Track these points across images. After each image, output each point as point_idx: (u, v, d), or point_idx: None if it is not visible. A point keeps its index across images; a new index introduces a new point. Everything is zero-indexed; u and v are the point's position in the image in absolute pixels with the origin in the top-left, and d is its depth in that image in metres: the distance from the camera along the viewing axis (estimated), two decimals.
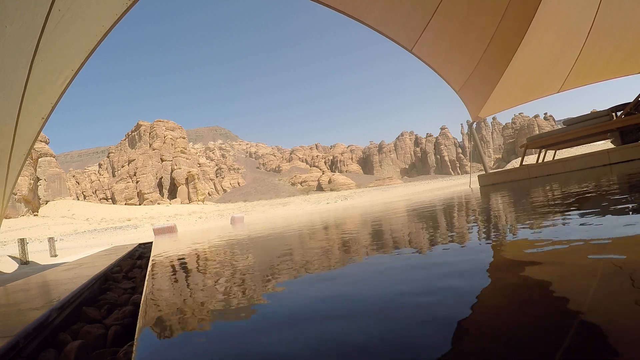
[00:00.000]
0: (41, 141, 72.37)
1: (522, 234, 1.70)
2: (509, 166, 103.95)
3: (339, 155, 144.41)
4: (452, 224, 2.68)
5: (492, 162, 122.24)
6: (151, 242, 7.24)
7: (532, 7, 6.67)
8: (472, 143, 11.60)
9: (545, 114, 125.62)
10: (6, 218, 49.65)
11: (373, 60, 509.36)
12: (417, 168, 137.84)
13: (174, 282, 1.91)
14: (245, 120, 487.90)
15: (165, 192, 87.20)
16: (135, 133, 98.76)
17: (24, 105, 3.73)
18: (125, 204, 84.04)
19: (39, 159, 70.41)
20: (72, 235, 39.55)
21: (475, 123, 10.49)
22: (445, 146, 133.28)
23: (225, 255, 2.91)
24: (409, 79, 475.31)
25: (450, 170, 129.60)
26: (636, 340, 0.57)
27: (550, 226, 1.74)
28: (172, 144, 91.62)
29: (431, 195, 9.95)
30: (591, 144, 9.97)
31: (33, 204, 59.82)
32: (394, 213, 4.79)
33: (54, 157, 75.10)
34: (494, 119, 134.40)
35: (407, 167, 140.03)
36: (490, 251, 1.45)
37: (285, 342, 0.79)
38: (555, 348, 0.56)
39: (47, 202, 69.90)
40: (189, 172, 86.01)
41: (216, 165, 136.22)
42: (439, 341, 0.67)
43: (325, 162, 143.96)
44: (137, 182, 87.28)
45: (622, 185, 3.35)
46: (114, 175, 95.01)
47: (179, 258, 3.10)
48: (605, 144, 10.19)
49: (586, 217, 1.78)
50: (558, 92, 9.47)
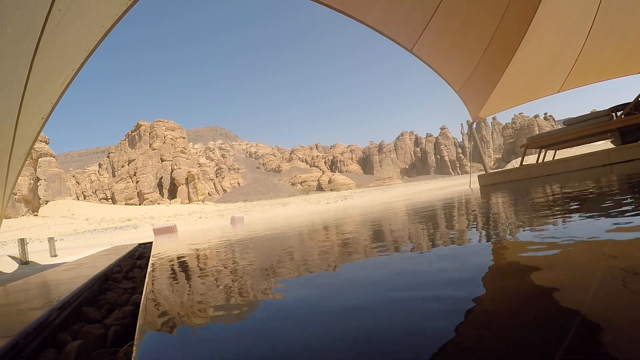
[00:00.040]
0: (41, 141, 72.39)
1: (521, 234, 1.70)
2: (509, 166, 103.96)
3: (339, 155, 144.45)
4: (452, 223, 2.68)
5: (492, 162, 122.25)
6: (151, 242, 7.24)
7: (532, 7, 6.67)
8: (472, 143, 11.60)
9: (545, 114, 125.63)
10: (6, 218, 49.64)
11: (373, 60, 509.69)
12: (417, 168, 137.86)
13: (174, 282, 1.91)
14: (245, 120, 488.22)
15: (165, 192, 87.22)
16: (135, 133, 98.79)
17: (24, 105, 3.73)
18: (125, 204, 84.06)
19: (39, 159, 70.44)
20: (72, 235, 39.56)
21: (475, 123, 10.49)
22: (445, 146, 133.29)
23: (225, 255, 2.91)
24: (409, 79, 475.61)
25: (450, 170, 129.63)
26: (636, 340, 0.57)
27: (550, 226, 1.74)
28: (172, 144, 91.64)
29: (431, 195, 9.95)
30: (591, 144, 9.98)
31: (33, 204, 59.84)
32: (393, 213, 4.79)
33: (54, 157, 75.12)
34: (494, 119, 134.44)
35: (407, 167, 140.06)
36: (490, 251, 1.45)
37: (286, 343, 0.79)
38: (555, 348, 0.56)
39: (47, 202, 69.93)
40: (189, 172, 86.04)
41: (216, 165, 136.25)
42: (439, 340, 0.67)
43: (325, 162, 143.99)
44: (137, 182, 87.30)
45: (622, 185, 3.35)
46: (114, 175, 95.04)
47: (179, 258, 3.10)
48: (605, 144, 10.19)
49: (586, 217, 1.78)
50: (558, 92, 9.47)
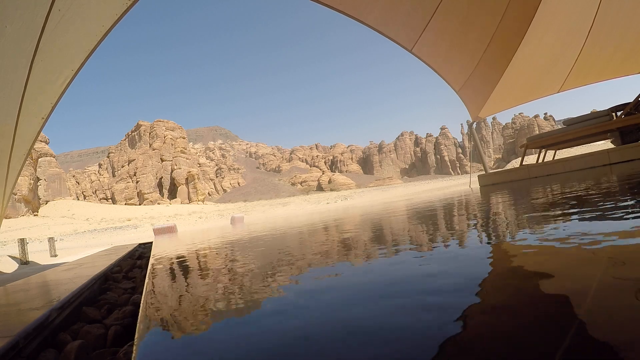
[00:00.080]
0: (41, 141, 72.40)
1: (521, 234, 1.70)
2: (509, 166, 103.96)
3: (339, 155, 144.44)
4: (452, 223, 2.68)
5: (492, 162, 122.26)
6: (151, 242, 7.24)
7: (532, 7, 6.67)
8: (472, 143, 11.60)
9: (545, 114, 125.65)
10: (6, 218, 49.63)
11: (373, 60, 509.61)
12: (417, 168, 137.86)
13: (174, 282, 1.91)
14: (245, 120, 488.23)
15: (165, 192, 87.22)
16: (135, 133, 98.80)
17: (24, 105, 3.73)
18: (125, 204, 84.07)
19: (39, 159, 70.44)
20: (72, 235, 39.57)
21: (475, 123, 10.49)
22: (445, 146, 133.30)
23: (225, 254, 2.91)
24: (409, 79, 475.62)
25: (450, 170, 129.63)
26: (636, 340, 0.57)
27: (550, 227, 1.74)
28: (172, 144, 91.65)
29: (431, 195, 9.95)
30: (591, 144, 9.97)
31: (33, 204, 59.84)
32: (393, 214, 4.79)
33: (54, 157, 75.12)
34: (494, 119, 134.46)
35: (407, 167, 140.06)
36: (490, 251, 1.45)
37: (286, 342, 0.79)
38: (555, 348, 0.56)
39: (47, 202, 69.93)
40: (189, 172, 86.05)
41: (216, 165, 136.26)
42: (439, 340, 0.67)
43: (325, 162, 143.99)
44: (137, 182, 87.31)
45: (622, 185, 3.35)
46: (114, 175, 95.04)
47: (179, 258, 3.10)
48: (605, 144, 10.19)
49: (586, 217, 1.78)
50: (558, 92, 9.47)
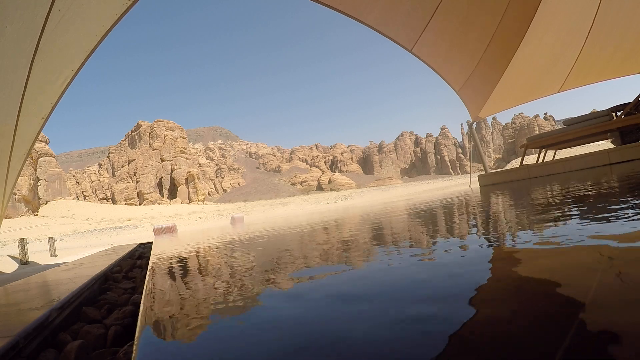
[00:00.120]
0: (41, 141, 72.42)
1: (521, 234, 1.70)
2: (509, 166, 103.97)
3: (339, 155, 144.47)
4: (452, 223, 2.68)
5: (492, 162, 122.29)
6: (151, 242, 7.24)
7: (532, 7, 6.67)
8: (472, 143, 11.60)
9: (545, 114, 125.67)
10: (6, 218, 49.63)
11: (373, 60, 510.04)
12: (417, 168, 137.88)
13: (174, 282, 1.91)
14: (245, 120, 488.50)
15: (165, 192, 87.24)
16: (135, 133, 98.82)
17: (24, 105, 3.73)
18: (125, 204, 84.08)
19: (39, 159, 70.46)
20: (72, 235, 39.58)
21: (475, 123, 10.49)
22: (445, 146, 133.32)
23: (225, 254, 2.91)
24: (409, 79, 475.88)
25: (450, 170, 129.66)
26: (636, 340, 0.57)
27: (550, 226, 1.74)
28: (172, 144, 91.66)
29: (431, 195, 9.94)
30: (591, 144, 9.97)
31: (33, 204, 59.84)
32: (393, 214, 4.79)
33: (54, 157, 75.14)
34: (494, 119, 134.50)
35: (407, 167, 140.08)
36: (489, 251, 1.45)
37: (286, 342, 0.79)
38: (555, 348, 0.56)
39: (47, 202, 69.95)
40: (189, 172, 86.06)
41: (216, 165, 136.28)
42: (439, 339, 0.67)
43: (325, 162, 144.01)
44: (137, 182, 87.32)
45: (622, 186, 3.35)
46: (114, 175, 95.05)
47: (179, 258, 3.10)
48: (605, 144, 10.19)
49: (586, 217, 1.78)
50: (558, 92, 9.47)
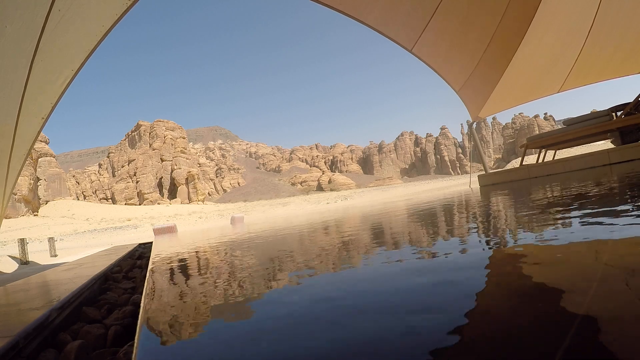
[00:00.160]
0: (41, 141, 72.40)
1: (521, 234, 1.70)
2: (509, 166, 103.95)
3: (339, 155, 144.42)
4: (452, 224, 2.68)
5: (492, 162, 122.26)
6: (151, 242, 7.24)
7: (532, 7, 6.67)
8: (472, 143, 11.59)
9: (545, 114, 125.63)
10: (6, 218, 49.64)
11: (373, 60, 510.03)
12: (417, 168, 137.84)
13: (174, 282, 1.91)
14: (245, 120, 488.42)
15: (165, 192, 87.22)
16: (135, 133, 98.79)
17: (24, 105, 3.73)
18: (125, 204, 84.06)
19: (39, 159, 70.44)
20: (72, 235, 39.57)
21: (475, 123, 10.49)
22: (445, 146, 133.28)
23: (225, 254, 2.91)
24: (409, 79, 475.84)
25: (450, 170, 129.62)
26: (636, 340, 0.57)
27: (549, 226, 1.74)
28: (172, 144, 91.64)
29: (431, 195, 9.94)
30: (591, 144, 9.97)
31: (33, 204, 59.83)
32: (393, 214, 4.79)
33: (54, 157, 75.12)
34: (494, 119, 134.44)
35: (407, 167, 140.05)
36: (489, 251, 1.45)
37: (286, 342, 0.79)
38: (555, 348, 0.56)
39: (47, 202, 69.93)
40: (189, 172, 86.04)
41: (216, 165, 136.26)
42: (439, 339, 0.67)
43: (325, 162, 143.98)
44: (137, 182, 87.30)
45: (622, 186, 3.35)
46: (114, 175, 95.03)
47: (179, 258, 3.10)
48: (605, 144, 10.18)
49: (586, 217, 1.78)
50: (558, 92, 9.47)
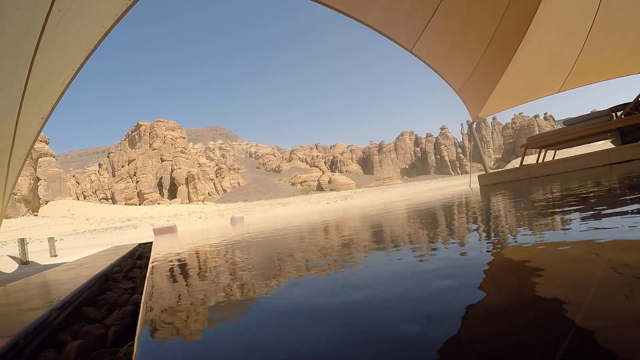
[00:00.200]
0: (41, 141, 72.40)
1: (521, 235, 1.70)
2: (509, 166, 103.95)
3: (339, 155, 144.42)
4: (452, 224, 2.68)
5: (492, 162, 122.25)
6: (151, 242, 7.24)
7: (532, 7, 6.67)
8: (472, 143, 11.60)
9: (545, 114, 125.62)
10: (6, 218, 49.65)
11: (373, 60, 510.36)
12: (417, 168, 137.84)
13: (174, 282, 1.91)
14: (245, 120, 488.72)
15: (165, 192, 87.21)
16: (135, 133, 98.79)
17: (24, 105, 3.73)
18: (125, 204, 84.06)
19: (39, 159, 70.43)
20: (72, 235, 39.57)
21: (475, 123, 10.49)
22: (445, 146, 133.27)
23: (225, 254, 2.91)
24: (409, 79, 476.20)
25: (450, 170, 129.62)
26: (636, 340, 0.57)
27: (550, 227, 1.74)
28: (172, 144, 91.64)
29: (431, 195, 9.94)
30: (591, 144, 9.97)
31: (33, 204, 59.83)
32: (393, 214, 4.79)
33: (54, 157, 75.11)
34: (494, 119, 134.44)
35: (407, 167, 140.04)
36: (490, 251, 1.45)
37: (286, 342, 0.79)
38: (555, 348, 0.56)
39: (47, 202, 69.92)
40: (189, 172, 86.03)
41: (216, 165, 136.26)
42: (438, 339, 0.67)
43: (325, 162, 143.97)
44: (137, 182, 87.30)
45: (622, 186, 3.35)
46: (114, 175, 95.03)
47: (179, 258, 3.10)
48: (605, 144, 10.18)
49: (586, 217, 1.78)
50: (558, 92, 9.47)
